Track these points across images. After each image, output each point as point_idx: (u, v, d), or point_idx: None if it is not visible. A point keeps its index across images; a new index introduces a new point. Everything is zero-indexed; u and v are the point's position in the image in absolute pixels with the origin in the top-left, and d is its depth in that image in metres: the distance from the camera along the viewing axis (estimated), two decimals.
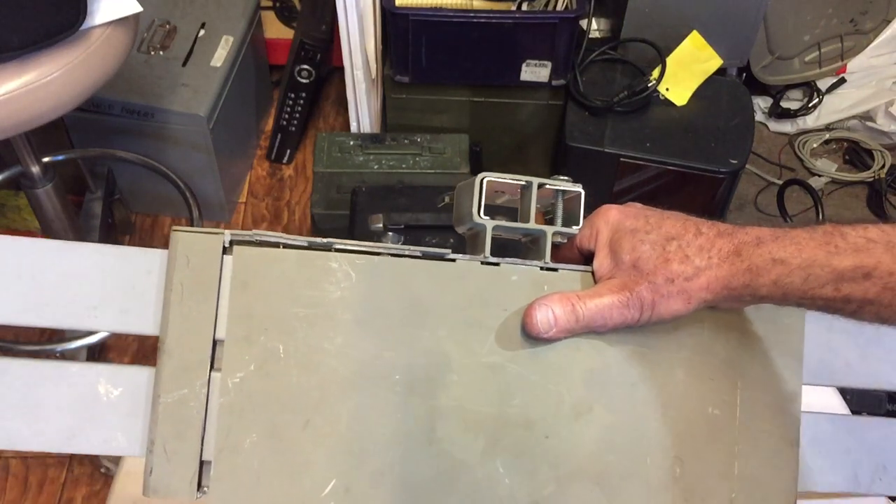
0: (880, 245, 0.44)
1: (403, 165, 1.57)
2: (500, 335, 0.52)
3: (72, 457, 1.44)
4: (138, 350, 1.60)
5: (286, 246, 0.50)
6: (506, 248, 0.56)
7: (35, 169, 1.28)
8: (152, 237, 1.79)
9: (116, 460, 1.36)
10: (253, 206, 1.86)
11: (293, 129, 1.89)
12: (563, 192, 0.57)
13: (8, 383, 0.46)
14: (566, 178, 0.58)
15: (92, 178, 1.65)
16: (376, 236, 1.31)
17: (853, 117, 1.89)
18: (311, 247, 0.50)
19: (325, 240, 0.50)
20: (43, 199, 1.32)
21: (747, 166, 1.68)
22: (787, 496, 0.55)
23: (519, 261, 0.53)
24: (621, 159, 1.51)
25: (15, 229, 1.74)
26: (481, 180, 0.54)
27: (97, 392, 0.47)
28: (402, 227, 1.33)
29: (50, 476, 1.43)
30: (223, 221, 1.81)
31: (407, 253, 0.51)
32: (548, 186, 0.57)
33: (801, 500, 0.57)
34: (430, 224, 1.33)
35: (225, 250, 0.49)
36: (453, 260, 0.52)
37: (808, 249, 0.46)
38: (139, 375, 0.47)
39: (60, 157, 1.49)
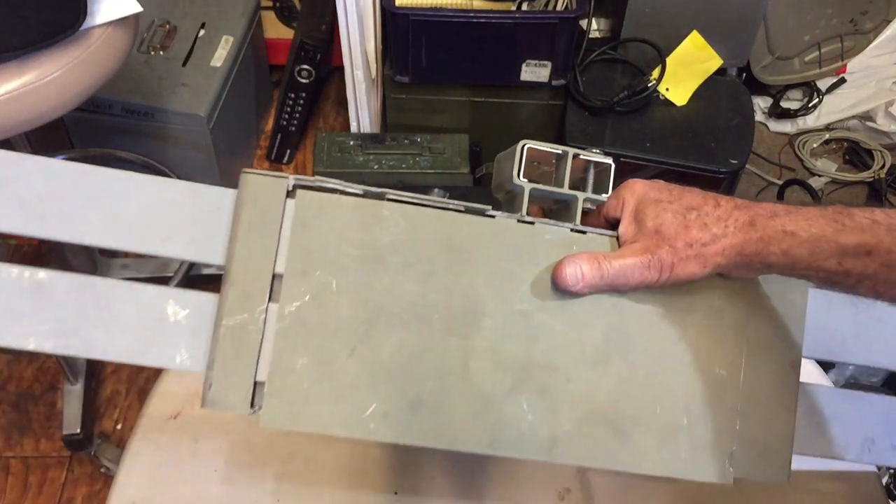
0: (883, 226, 0.49)
1: (403, 165, 1.57)
2: (531, 286, 0.56)
3: (71, 456, 1.44)
4: None
5: (344, 192, 0.54)
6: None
7: None
8: None
9: (116, 460, 1.36)
10: None
11: (293, 128, 1.89)
12: (595, 163, 0.62)
13: (89, 298, 0.50)
14: (598, 150, 0.63)
15: None
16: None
17: (853, 117, 1.90)
18: (366, 195, 0.54)
19: (379, 189, 0.54)
20: None
21: (747, 166, 1.68)
22: (782, 456, 0.59)
23: (552, 222, 0.58)
24: (621, 159, 1.51)
25: None
26: (522, 146, 0.59)
27: (166, 312, 0.51)
28: None
29: (50, 476, 1.43)
30: None
31: (452, 206, 0.56)
32: (581, 157, 0.61)
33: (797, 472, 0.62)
34: None
35: (288, 193, 0.53)
36: (493, 216, 0.57)
37: (817, 225, 0.50)
38: (204, 299, 0.52)
39: (61, 157, 1.49)
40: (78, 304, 0.50)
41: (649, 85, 1.53)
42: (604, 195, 0.61)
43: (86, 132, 1.63)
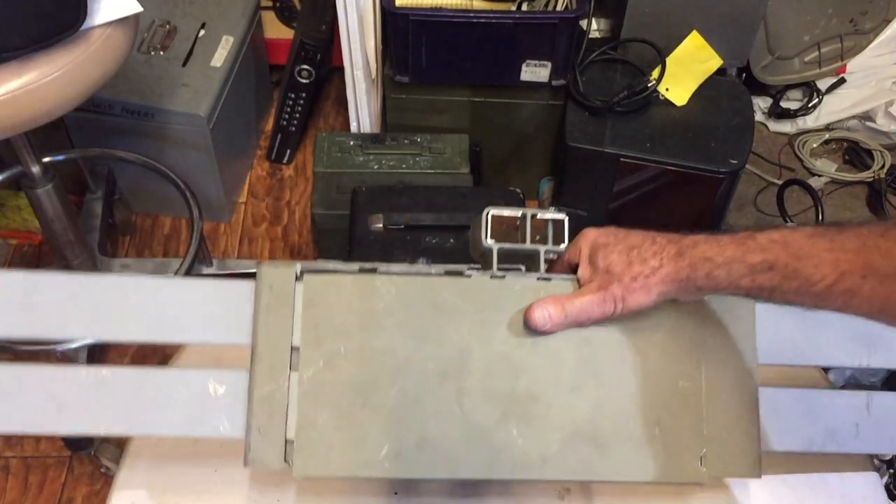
0: (779, 244, 0.58)
1: (403, 165, 1.57)
2: (509, 330, 0.66)
3: (72, 456, 1.44)
4: (137, 350, 1.60)
5: (343, 272, 0.65)
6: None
7: (35, 169, 1.28)
8: (152, 237, 1.79)
9: (116, 460, 1.36)
10: (253, 206, 1.86)
11: (293, 129, 1.89)
12: (552, 220, 0.71)
13: (144, 387, 0.61)
14: (554, 208, 0.74)
15: (92, 178, 1.65)
16: (374, 236, 1.31)
17: (853, 117, 1.89)
18: (360, 271, 0.65)
19: (371, 265, 0.65)
20: (43, 199, 1.32)
21: (747, 166, 1.68)
22: (751, 454, 0.66)
23: (521, 273, 0.68)
24: (621, 159, 1.51)
25: (15, 229, 1.74)
26: (487, 213, 0.70)
27: (207, 390, 0.61)
28: (402, 227, 1.33)
29: (50, 476, 1.43)
30: (223, 222, 1.81)
31: (433, 272, 0.66)
32: (539, 217, 0.71)
33: (805, 474, 0.73)
34: (430, 224, 1.33)
35: (297, 278, 0.64)
36: (469, 276, 0.66)
37: (728, 249, 0.60)
38: (239, 376, 0.62)
39: (61, 157, 1.49)
40: (135, 393, 0.61)
41: (649, 85, 1.53)
42: (562, 245, 0.70)
43: (86, 132, 1.63)
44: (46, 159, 1.31)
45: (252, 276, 0.62)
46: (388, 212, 1.33)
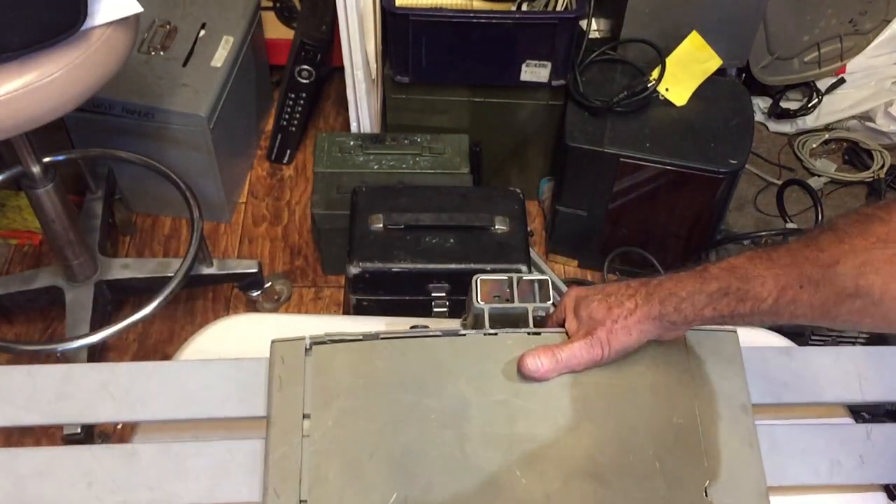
0: (727, 270, 0.64)
1: (403, 165, 1.57)
2: (504, 380, 0.70)
3: None
4: (138, 350, 1.60)
5: (347, 340, 0.71)
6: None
7: (35, 169, 1.28)
8: (152, 238, 1.79)
9: None
10: (253, 207, 1.86)
11: (293, 129, 1.89)
12: (538, 280, 0.76)
13: (168, 459, 0.67)
14: (535, 272, 0.79)
15: (92, 178, 1.65)
16: (374, 236, 1.31)
17: (852, 117, 1.89)
18: (364, 338, 0.71)
19: (374, 331, 0.71)
20: (43, 199, 1.32)
21: (747, 166, 1.68)
22: (757, 488, 0.67)
23: (511, 330, 0.72)
24: (621, 159, 1.51)
25: (15, 229, 1.74)
26: (476, 279, 0.75)
27: (226, 458, 0.67)
28: (402, 227, 1.33)
29: None
30: (223, 222, 1.81)
31: (430, 334, 0.72)
32: (525, 279, 0.76)
33: (807, 495, 0.73)
34: (430, 224, 1.33)
35: (306, 351, 0.70)
36: (464, 335, 0.72)
37: (688, 283, 0.65)
38: (255, 444, 0.68)
39: (61, 158, 1.49)
40: (160, 466, 0.67)
41: (649, 85, 1.53)
42: (548, 302, 0.75)
43: (86, 132, 1.63)
44: (47, 159, 1.31)
45: (252, 275, 0.65)
46: (388, 212, 1.34)
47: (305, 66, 1.78)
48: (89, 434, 1.42)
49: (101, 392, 0.70)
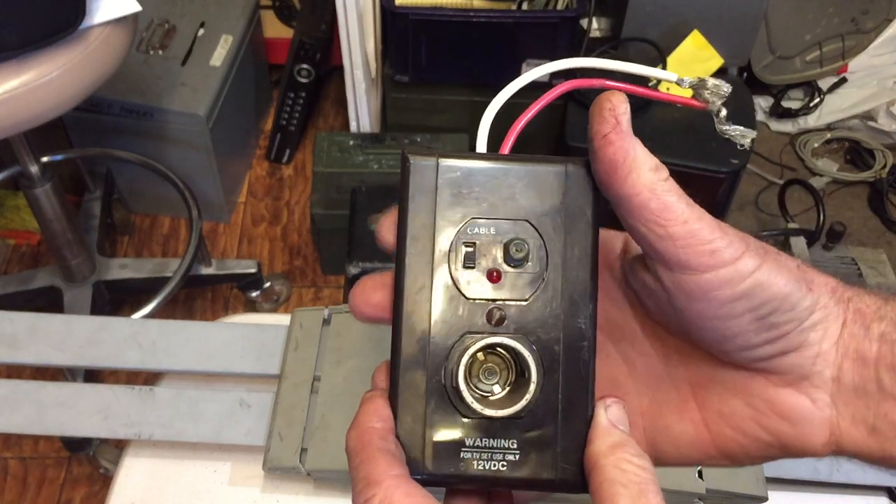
0: None
1: None
2: None
3: (70, 457, 1.44)
4: None
5: None
6: None
7: (34, 169, 1.28)
8: (151, 237, 1.78)
9: (115, 461, 1.36)
10: (252, 206, 1.85)
11: (293, 128, 1.88)
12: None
13: (183, 400, 0.70)
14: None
15: (91, 177, 1.64)
16: (373, 236, 1.31)
17: (854, 117, 1.89)
18: None
19: None
20: (42, 198, 1.32)
21: (748, 166, 1.68)
22: (754, 474, 0.65)
23: None
24: None
25: (13, 229, 1.74)
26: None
27: (237, 406, 0.70)
28: None
29: (49, 476, 1.43)
30: (223, 222, 1.81)
31: None
32: None
33: (808, 494, 0.70)
34: None
35: (324, 321, 0.71)
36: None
37: None
38: (266, 397, 0.70)
39: (59, 157, 1.48)
40: (174, 407, 0.70)
41: (650, 84, 1.53)
42: None
43: (85, 132, 1.62)
44: (45, 159, 1.30)
45: (251, 275, 0.65)
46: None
47: (305, 66, 1.78)
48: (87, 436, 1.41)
49: (129, 341, 0.73)
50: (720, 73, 1.58)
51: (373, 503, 0.29)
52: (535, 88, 0.35)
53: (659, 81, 1.54)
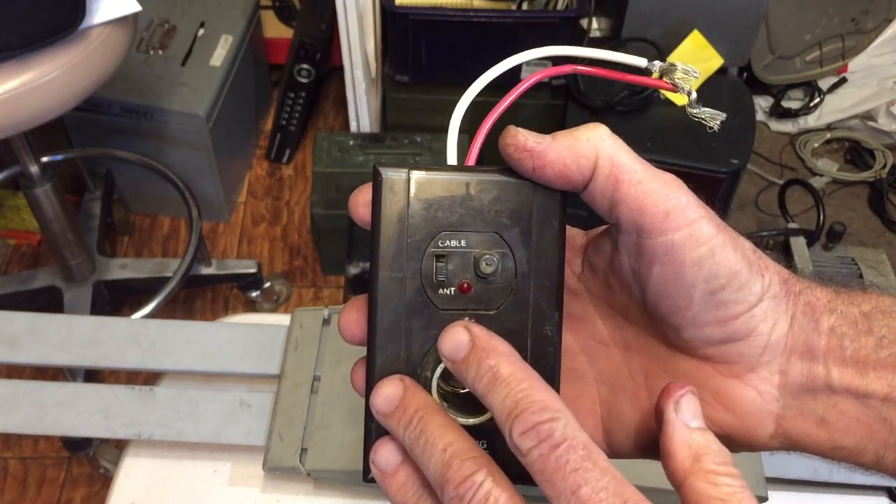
0: None
1: None
2: None
3: (70, 457, 1.44)
4: None
5: None
6: None
7: (34, 169, 1.28)
8: (151, 237, 1.78)
9: (115, 461, 1.36)
10: (252, 206, 1.85)
11: (293, 128, 1.88)
12: None
13: (183, 400, 0.70)
14: None
15: (91, 177, 1.64)
16: None
17: (854, 117, 1.89)
18: None
19: None
20: (42, 198, 1.32)
21: (748, 166, 1.68)
22: (753, 469, 0.66)
23: None
24: None
25: (13, 229, 1.74)
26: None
27: (237, 405, 0.70)
28: None
29: (49, 476, 1.43)
30: (222, 222, 1.81)
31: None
32: None
33: (808, 494, 0.70)
34: None
35: (324, 321, 0.71)
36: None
37: None
38: (266, 397, 0.70)
39: (59, 157, 1.48)
40: (174, 407, 0.70)
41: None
42: None
43: (85, 132, 1.62)
44: (45, 159, 1.30)
45: (251, 275, 0.65)
46: None
47: (305, 66, 1.78)
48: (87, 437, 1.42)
49: (129, 341, 0.74)
50: (720, 73, 1.58)
51: (558, 424, 0.27)
52: (536, 88, 0.35)
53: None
